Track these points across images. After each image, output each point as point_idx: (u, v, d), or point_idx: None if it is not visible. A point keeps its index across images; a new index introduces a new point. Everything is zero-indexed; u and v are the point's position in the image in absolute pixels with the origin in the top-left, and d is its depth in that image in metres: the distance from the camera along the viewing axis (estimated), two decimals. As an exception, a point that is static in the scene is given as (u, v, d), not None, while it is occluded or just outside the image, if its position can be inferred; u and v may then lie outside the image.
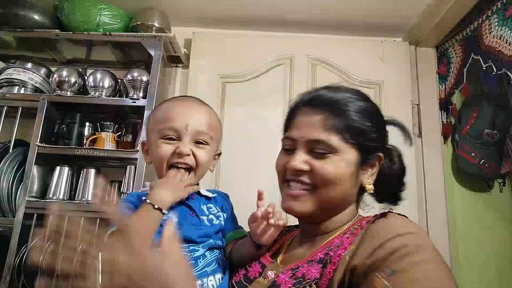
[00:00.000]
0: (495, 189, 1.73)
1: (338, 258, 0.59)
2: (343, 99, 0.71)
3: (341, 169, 0.67)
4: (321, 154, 0.68)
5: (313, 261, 0.64)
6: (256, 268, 0.72)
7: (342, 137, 0.68)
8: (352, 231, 0.65)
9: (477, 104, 1.69)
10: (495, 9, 1.44)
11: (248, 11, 1.85)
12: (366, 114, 0.71)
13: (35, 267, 0.50)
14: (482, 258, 1.67)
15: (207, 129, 0.81)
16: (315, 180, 0.68)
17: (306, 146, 0.70)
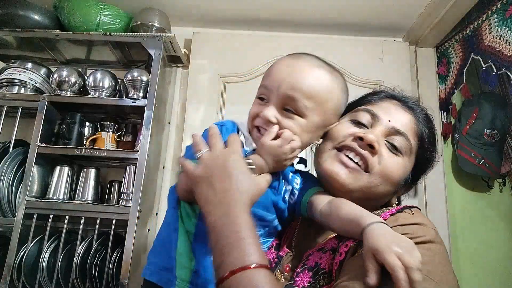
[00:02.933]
0: (495, 189, 1.73)
1: (345, 249, 0.58)
2: (428, 115, 0.74)
3: (401, 172, 0.67)
4: (394, 148, 0.67)
5: (324, 250, 0.62)
6: (272, 258, 0.69)
7: (417, 145, 0.69)
8: None
9: (477, 104, 1.69)
10: (495, 9, 1.44)
11: (248, 11, 1.85)
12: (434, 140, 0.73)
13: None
14: (482, 257, 1.67)
15: (302, 96, 0.65)
16: (377, 167, 0.65)
17: (384, 130, 0.68)
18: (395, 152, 0.67)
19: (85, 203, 1.54)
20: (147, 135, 1.54)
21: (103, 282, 1.44)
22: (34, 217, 1.47)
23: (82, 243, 1.48)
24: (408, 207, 0.63)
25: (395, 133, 0.67)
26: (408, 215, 0.60)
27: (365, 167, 0.66)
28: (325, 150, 0.70)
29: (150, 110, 1.57)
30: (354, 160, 0.66)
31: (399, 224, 0.57)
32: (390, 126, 0.68)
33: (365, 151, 0.66)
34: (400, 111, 0.71)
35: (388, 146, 0.67)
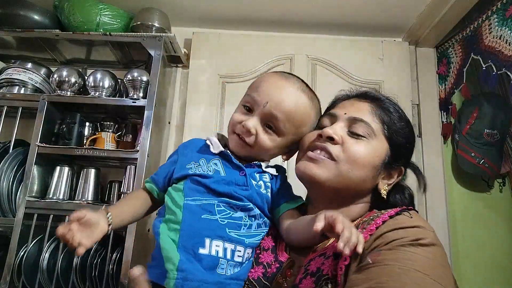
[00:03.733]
0: (495, 189, 1.73)
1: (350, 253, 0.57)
2: (389, 99, 0.77)
3: (369, 155, 0.70)
4: (357, 136, 0.70)
5: (326, 255, 0.63)
6: (274, 265, 0.70)
7: (382, 127, 0.72)
8: (364, 225, 0.64)
9: (477, 104, 1.69)
10: (495, 9, 1.44)
11: (248, 11, 1.86)
12: (404, 122, 0.75)
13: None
14: (482, 258, 1.67)
15: (284, 117, 0.73)
16: (342, 155, 0.68)
17: (346, 122, 0.72)
18: (357, 137, 0.70)
19: (85, 203, 1.54)
20: (147, 135, 1.54)
21: (103, 282, 1.44)
22: (34, 217, 1.47)
23: (82, 243, 1.48)
24: (406, 210, 0.64)
25: (353, 121, 0.71)
26: (407, 218, 0.61)
27: (330, 157, 0.69)
28: (299, 158, 0.76)
29: (150, 110, 1.57)
30: (319, 155, 0.70)
31: (399, 227, 0.58)
32: (346, 117, 0.72)
33: (326, 143, 0.70)
34: (354, 103, 0.76)
35: (349, 134, 0.71)
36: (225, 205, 0.72)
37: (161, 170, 0.82)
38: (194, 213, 0.70)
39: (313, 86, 1.84)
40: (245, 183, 0.75)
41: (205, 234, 0.68)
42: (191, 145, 0.83)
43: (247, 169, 0.76)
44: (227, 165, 0.77)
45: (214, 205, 0.71)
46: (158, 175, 0.82)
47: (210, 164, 0.77)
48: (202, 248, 0.67)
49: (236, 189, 0.73)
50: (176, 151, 0.84)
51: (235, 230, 0.70)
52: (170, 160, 0.83)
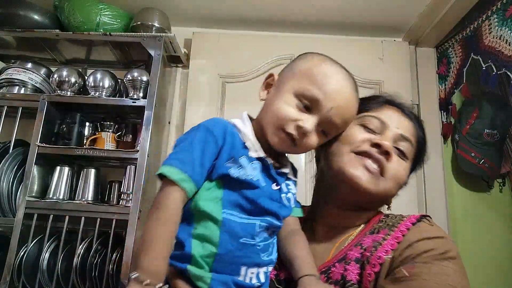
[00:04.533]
0: (495, 189, 1.73)
1: (380, 261, 0.60)
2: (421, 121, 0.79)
3: (405, 176, 0.72)
4: (402, 154, 0.71)
5: (346, 260, 0.64)
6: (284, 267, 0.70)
7: (415, 152, 0.74)
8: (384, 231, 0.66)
9: (477, 104, 1.69)
10: (495, 9, 1.44)
11: (248, 11, 1.85)
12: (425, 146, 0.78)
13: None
14: (482, 258, 1.67)
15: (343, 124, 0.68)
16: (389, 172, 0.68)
17: (394, 136, 0.71)
18: (402, 157, 0.71)
19: (85, 203, 1.54)
20: (147, 135, 1.54)
21: (103, 282, 1.44)
22: (34, 217, 1.47)
23: (82, 243, 1.48)
24: (424, 216, 0.67)
25: (402, 139, 0.71)
26: (429, 227, 0.65)
27: (381, 172, 0.68)
28: (342, 153, 0.70)
29: (150, 110, 1.57)
30: (373, 165, 0.68)
31: (426, 237, 0.61)
32: (398, 133, 0.71)
33: (382, 157, 0.68)
34: (402, 118, 0.74)
35: (396, 152, 0.70)
36: (265, 225, 0.64)
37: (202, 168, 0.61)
38: (233, 235, 0.60)
39: (313, 86, 1.84)
40: (279, 199, 0.67)
41: (243, 262, 0.61)
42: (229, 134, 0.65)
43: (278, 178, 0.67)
44: (264, 172, 0.65)
45: (255, 226, 0.62)
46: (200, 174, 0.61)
47: (252, 168, 0.64)
48: (237, 276, 0.61)
49: (277, 206, 0.65)
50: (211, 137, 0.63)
51: (267, 252, 0.65)
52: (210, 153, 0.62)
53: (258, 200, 0.62)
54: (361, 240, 0.67)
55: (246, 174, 0.62)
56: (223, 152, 0.63)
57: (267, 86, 0.72)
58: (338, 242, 0.70)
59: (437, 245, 0.59)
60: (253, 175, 0.63)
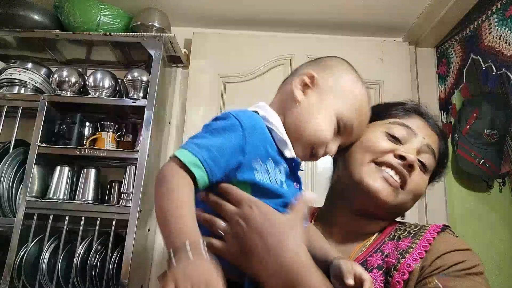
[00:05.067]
0: (495, 189, 1.73)
1: (409, 269, 0.59)
2: (445, 134, 0.78)
3: (424, 189, 0.71)
4: (424, 167, 0.70)
5: (368, 267, 0.63)
6: None
7: (436, 165, 0.72)
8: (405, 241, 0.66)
9: (477, 104, 1.69)
10: (495, 9, 1.44)
11: (248, 11, 1.86)
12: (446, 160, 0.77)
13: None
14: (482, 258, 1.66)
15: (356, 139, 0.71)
16: (410, 185, 0.67)
17: (419, 147, 0.69)
18: (423, 170, 0.70)
19: (85, 203, 1.54)
20: (147, 135, 1.54)
21: (103, 282, 1.44)
22: (34, 217, 1.47)
23: (82, 243, 1.48)
24: (446, 227, 0.68)
25: (427, 151, 0.70)
26: (454, 237, 0.66)
27: (402, 184, 0.68)
28: (363, 162, 0.69)
29: (150, 110, 1.57)
30: (394, 177, 0.67)
31: (455, 249, 0.62)
32: (424, 143, 0.70)
33: (405, 170, 0.67)
34: (428, 129, 0.73)
35: (418, 164, 0.69)
36: None
37: (220, 156, 0.53)
38: None
39: (313, 86, 1.84)
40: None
41: None
42: (258, 129, 0.59)
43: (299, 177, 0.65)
44: (288, 173, 0.62)
45: None
46: (216, 163, 0.53)
47: (277, 172, 0.59)
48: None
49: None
50: (239, 129, 0.57)
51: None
52: (233, 145, 0.55)
53: (281, 211, 0.58)
54: (381, 247, 0.66)
55: (269, 178, 0.58)
56: (251, 147, 0.56)
57: (304, 85, 0.66)
58: (356, 248, 0.69)
59: (466, 257, 0.60)
60: (277, 181, 0.59)
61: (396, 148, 0.68)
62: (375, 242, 0.68)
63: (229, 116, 0.59)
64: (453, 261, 0.59)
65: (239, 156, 0.55)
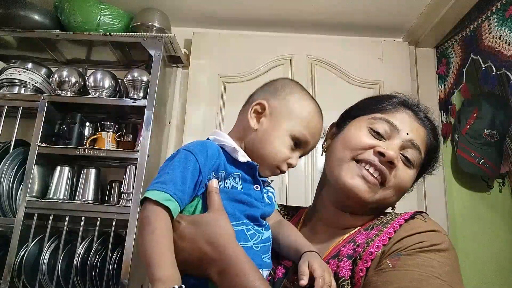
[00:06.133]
0: (495, 189, 1.73)
1: (371, 256, 0.60)
2: (436, 127, 0.75)
3: (410, 183, 0.70)
4: (408, 162, 0.68)
5: (339, 257, 0.63)
6: (279, 270, 0.69)
7: (423, 159, 0.71)
8: (378, 227, 0.65)
9: (477, 104, 1.69)
10: (494, 9, 1.44)
11: (248, 11, 1.86)
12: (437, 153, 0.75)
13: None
14: (482, 258, 1.67)
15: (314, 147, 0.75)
16: (392, 181, 0.67)
17: (401, 143, 0.68)
18: (408, 165, 0.69)
19: (85, 203, 1.54)
20: (147, 135, 1.54)
21: (103, 282, 1.44)
22: (35, 217, 1.47)
23: (82, 243, 1.48)
24: (419, 213, 0.66)
25: (411, 146, 0.69)
26: (422, 222, 0.63)
27: (382, 181, 0.67)
28: (343, 159, 0.69)
29: (150, 110, 1.57)
30: (373, 174, 0.67)
31: (416, 232, 0.60)
32: (407, 139, 0.69)
33: (385, 167, 0.66)
34: (414, 123, 0.71)
35: (402, 159, 0.68)
36: (253, 227, 0.65)
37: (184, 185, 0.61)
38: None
39: (313, 86, 1.84)
40: (261, 199, 0.69)
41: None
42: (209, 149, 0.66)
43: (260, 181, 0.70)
44: (245, 178, 0.68)
45: (244, 230, 0.64)
46: (183, 192, 0.60)
47: (229, 179, 0.67)
48: None
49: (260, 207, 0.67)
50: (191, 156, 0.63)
51: (267, 254, 0.66)
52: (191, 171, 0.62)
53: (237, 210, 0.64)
54: (355, 237, 0.66)
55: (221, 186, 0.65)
56: (205, 166, 0.64)
57: (258, 114, 0.72)
58: (336, 242, 0.69)
59: (426, 238, 0.58)
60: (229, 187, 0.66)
61: (377, 145, 0.67)
62: (352, 233, 0.69)
63: (180, 151, 0.66)
64: (410, 243, 0.58)
65: (199, 177, 0.63)
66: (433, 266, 0.54)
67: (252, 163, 0.68)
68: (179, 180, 0.60)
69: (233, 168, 0.67)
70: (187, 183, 0.61)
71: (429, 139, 0.72)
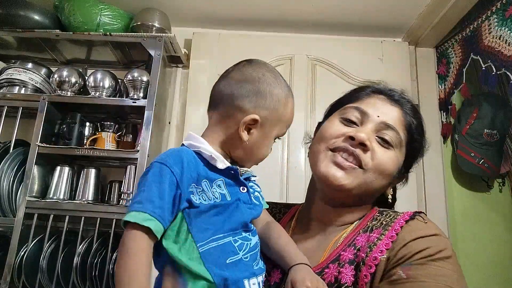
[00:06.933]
0: (495, 189, 1.73)
1: (375, 262, 0.59)
2: (414, 106, 0.75)
3: (393, 165, 0.69)
4: (385, 142, 0.68)
5: (340, 262, 0.63)
6: (276, 274, 0.68)
7: (407, 138, 0.71)
8: (378, 230, 0.65)
9: (477, 104, 1.69)
10: (494, 9, 1.44)
11: (248, 11, 1.86)
12: (423, 131, 0.75)
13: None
14: (482, 258, 1.67)
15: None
16: (370, 163, 0.67)
17: (376, 126, 0.69)
18: (386, 146, 0.68)
19: (85, 203, 1.54)
20: (147, 135, 1.54)
21: (103, 282, 1.44)
22: (35, 217, 1.47)
23: (82, 243, 1.48)
24: (418, 213, 0.65)
25: (385, 127, 0.69)
26: (423, 224, 0.63)
27: (359, 164, 0.67)
28: (320, 151, 0.70)
29: (150, 110, 1.57)
30: (348, 160, 0.67)
31: (420, 236, 0.60)
32: (379, 121, 0.69)
33: (358, 149, 0.66)
34: (387, 105, 0.72)
35: (379, 141, 0.68)
36: (240, 237, 0.63)
37: (163, 201, 0.58)
38: (218, 262, 0.59)
39: (313, 86, 1.84)
40: (249, 201, 0.67)
41: (240, 277, 0.60)
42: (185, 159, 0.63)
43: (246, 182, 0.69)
44: (229, 182, 0.66)
45: (231, 242, 0.62)
46: (162, 209, 0.58)
47: (215, 188, 0.64)
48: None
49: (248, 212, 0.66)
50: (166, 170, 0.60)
51: (257, 261, 0.65)
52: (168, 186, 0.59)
53: (226, 221, 0.62)
54: (354, 240, 0.65)
55: (208, 197, 0.62)
56: (183, 178, 0.60)
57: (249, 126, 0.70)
58: (332, 241, 0.68)
59: (431, 243, 0.58)
60: (214, 196, 0.63)
61: (348, 131, 0.68)
62: (350, 234, 0.67)
63: (153, 164, 0.62)
64: (416, 249, 0.58)
65: (177, 191, 0.59)
66: (445, 275, 0.55)
67: (233, 167, 0.67)
68: (156, 196, 0.57)
69: (215, 174, 0.65)
70: (165, 198, 0.58)
71: (406, 117, 0.72)
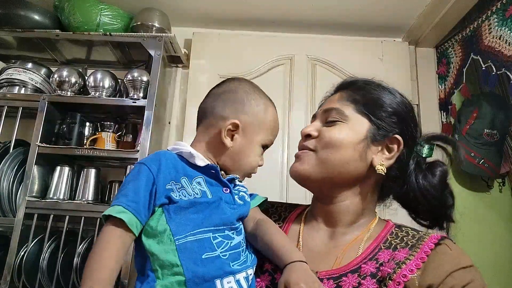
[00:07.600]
0: (495, 189, 1.73)
1: (405, 279, 0.60)
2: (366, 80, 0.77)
3: (346, 135, 0.69)
4: (332, 122, 0.71)
5: (361, 274, 0.63)
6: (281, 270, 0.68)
7: (355, 106, 0.72)
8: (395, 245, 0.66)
9: (477, 104, 1.69)
10: (495, 9, 1.44)
11: (248, 11, 1.86)
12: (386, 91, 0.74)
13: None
14: (482, 258, 1.67)
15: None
16: (319, 143, 0.71)
17: (322, 117, 0.75)
18: (332, 124, 0.71)
19: (85, 203, 1.54)
20: (147, 135, 1.54)
21: (103, 282, 1.44)
22: (35, 217, 1.47)
23: (82, 243, 1.48)
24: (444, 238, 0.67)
25: (326, 113, 0.73)
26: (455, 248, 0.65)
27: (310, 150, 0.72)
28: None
29: (150, 110, 1.57)
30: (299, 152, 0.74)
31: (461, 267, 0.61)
32: (321, 112, 0.75)
33: (309, 142, 0.73)
34: (330, 98, 0.79)
35: (328, 123, 0.72)
36: (221, 235, 0.64)
37: (137, 196, 0.62)
38: (192, 254, 0.60)
39: (313, 86, 1.84)
40: (232, 201, 0.69)
41: (213, 275, 0.60)
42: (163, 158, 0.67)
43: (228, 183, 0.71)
44: (211, 182, 0.68)
45: (210, 239, 0.63)
46: (136, 202, 0.62)
47: (194, 185, 0.66)
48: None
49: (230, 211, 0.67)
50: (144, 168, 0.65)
51: (238, 261, 0.64)
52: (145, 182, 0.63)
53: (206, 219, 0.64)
54: (376, 255, 0.65)
55: (188, 193, 0.65)
56: (160, 175, 0.64)
57: (229, 131, 0.73)
58: (345, 246, 0.68)
59: (474, 276, 0.61)
60: (195, 192, 0.65)
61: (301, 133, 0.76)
62: (369, 247, 0.67)
63: (135, 165, 0.68)
64: (464, 281, 0.59)
65: (153, 187, 0.63)
66: None
67: (212, 166, 0.70)
68: (131, 191, 0.62)
69: (195, 172, 0.68)
70: (141, 193, 0.62)
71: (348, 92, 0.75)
